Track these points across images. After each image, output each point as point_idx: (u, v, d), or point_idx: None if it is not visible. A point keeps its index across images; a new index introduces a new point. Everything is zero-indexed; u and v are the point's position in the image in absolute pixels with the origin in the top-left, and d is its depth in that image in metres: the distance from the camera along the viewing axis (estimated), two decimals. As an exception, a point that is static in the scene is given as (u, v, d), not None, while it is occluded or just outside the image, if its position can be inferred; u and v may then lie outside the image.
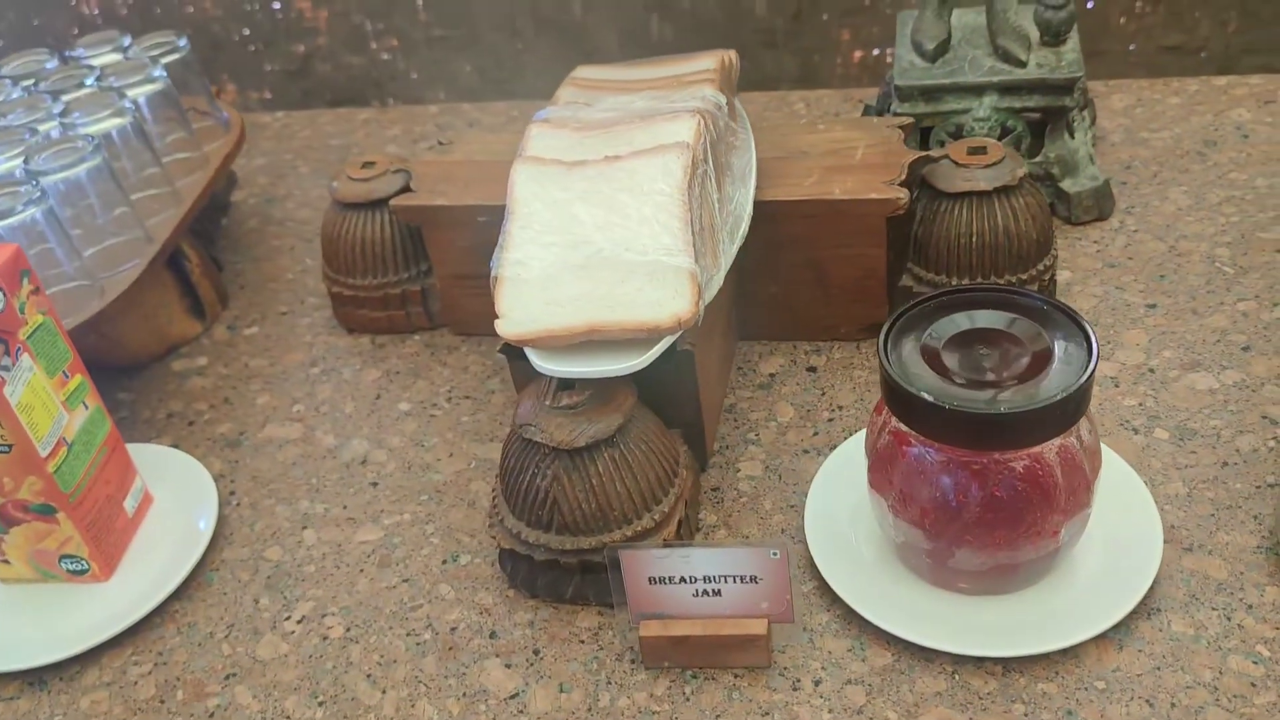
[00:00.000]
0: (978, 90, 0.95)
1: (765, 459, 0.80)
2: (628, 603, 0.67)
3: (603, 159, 0.72)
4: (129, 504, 0.81)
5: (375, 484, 0.83)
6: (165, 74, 0.99)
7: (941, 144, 0.95)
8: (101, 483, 0.79)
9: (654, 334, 0.67)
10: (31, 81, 1.01)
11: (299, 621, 0.74)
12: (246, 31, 1.72)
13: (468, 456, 0.84)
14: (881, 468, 0.66)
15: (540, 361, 0.68)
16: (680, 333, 0.68)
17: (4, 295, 0.71)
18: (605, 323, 0.67)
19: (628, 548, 0.65)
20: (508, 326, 0.68)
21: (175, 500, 0.84)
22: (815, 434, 0.81)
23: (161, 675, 0.73)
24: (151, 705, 0.71)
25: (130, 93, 0.96)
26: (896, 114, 0.96)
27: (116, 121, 0.93)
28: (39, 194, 0.83)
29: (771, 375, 0.86)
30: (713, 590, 0.66)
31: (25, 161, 0.88)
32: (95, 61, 1.03)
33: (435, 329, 0.96)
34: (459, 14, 1.64)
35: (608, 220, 0.70)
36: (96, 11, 1.69)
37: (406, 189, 0.92)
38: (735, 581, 0.65)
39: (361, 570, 0.77)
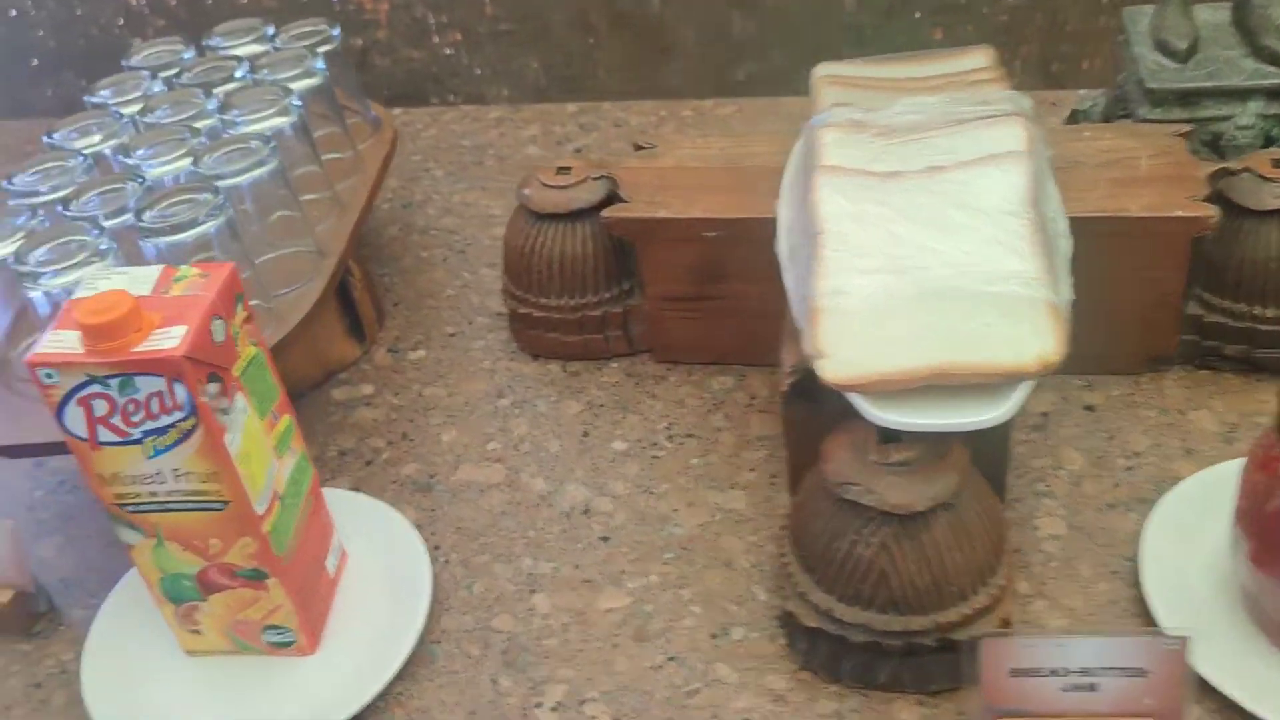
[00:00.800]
0: (1242, 95, 0.85)
1: (1066, 515, 0.70)
2: (982, 696, 0.57)
3: (924, 170, 0.62)
4: (330, 563, 0.71)
5: (606, 539, 0.73)
6: (325, 67, 0.88)
7: (1196, 154, 0.86)
8: (308, 540, 0.68)
9: (1014, 378, 0.57)
10: (173, 73, 0.90)
11: (554, 709, 0.64)
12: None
13: (708, 507, 0.74)
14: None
15: (877, 411, 0.57)
16: (1042, 377, 0.58)
17: (224, 324, 0.60)
18: (955, 365, 0.57)
19: (993, 635, 0.55)
20: (834, 368, 0.58)
21: (374, 556, 0.73)
22: (1116, 485, 0.71)
23: (401, 773, 0.62)
24: (396, 811, 0.61)
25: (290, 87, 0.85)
26: (1147, 120, 0.86)
27: (282, 120, 0.81)
28: (222, 201, 0.72)
29: (1044, 415, 0.76)
30: (1088, 685, 0.56)
31: (194, 163, 0.77)
32: (238, 52, 0.92)
33: (634, 355, 0.86)
34: (528, 8, 1.53)
35: (939, 242, 0.60)
36: (144, 2, 1.57)
37: (613, 199, 0.82)
38: (1117, 675, 0.55)
39: (615, 645, 0.67)
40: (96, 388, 0.57)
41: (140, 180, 0.76)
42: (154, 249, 0.72)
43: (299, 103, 0.83)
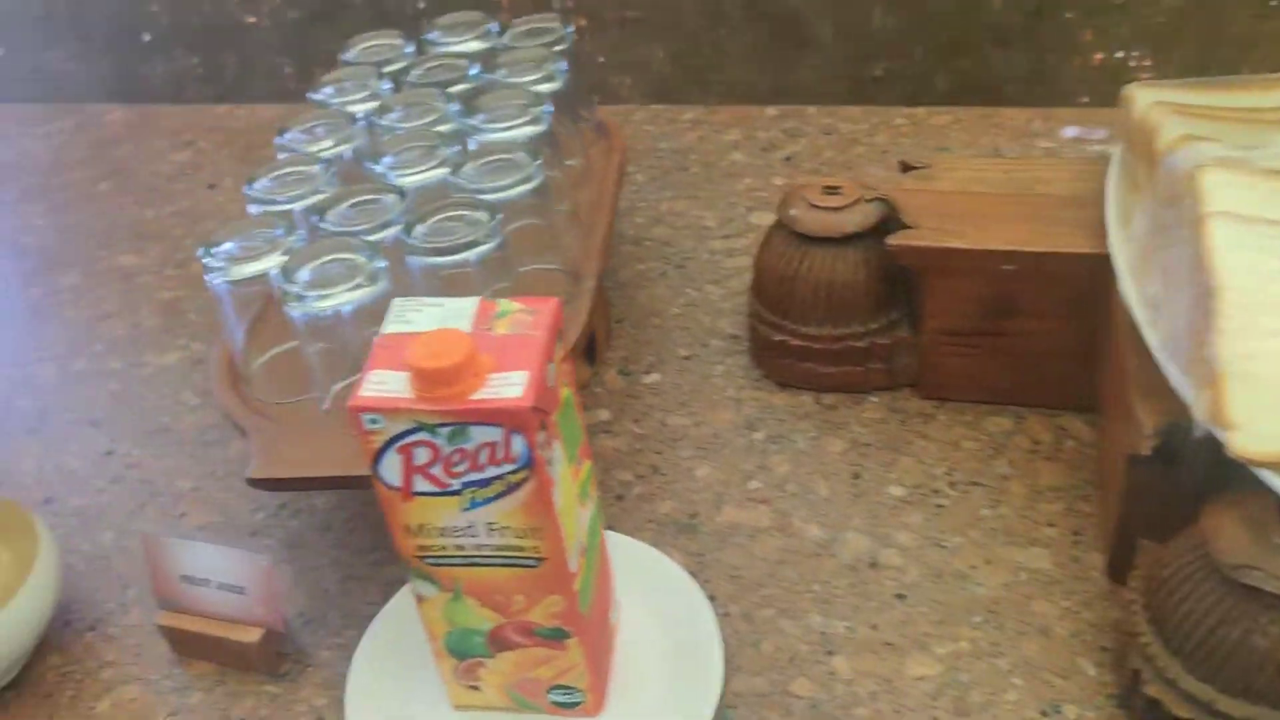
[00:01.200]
0: None
1: None
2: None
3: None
4: (613, 616, 0.65)
5: (902, 596, 0.67)
6: (567, 69, 0.82)
7: None
8: (600, 593, 0.63)
9: None
10: (396, 68, 0.85)
11: (879, 789, 0.59)
12: (421, 5, 1.56)
13: (1009, 565, 0.68)
14: None
15: (1298, 491, 0.51)
16: None
17: (553, 367, 0.54)
18: (1384, 443, 0.51)
19: None
20: (1248, 442, 0.52)
21: (648, 605, 0.67)
22: None
23: None
24: None
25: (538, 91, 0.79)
26: None
27: (535, 129, 0.76)
28: (499, 218, 0.67)
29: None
30: None
31: (452, 173, 0.72)
32: (463, 49, 0.86)
33: (894, 389, 0.80)
34: None
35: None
36: None
37: (888, 223, 0.76)
38: None
39: (934, 718, 0.61)
40: (423, 435, 0.52)
41: (399, 192, 0.70)
42: (418, 265, 0.67)
43: (551, 108, 0.77)
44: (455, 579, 0.58)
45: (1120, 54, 1.43)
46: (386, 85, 0.83)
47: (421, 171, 0.73)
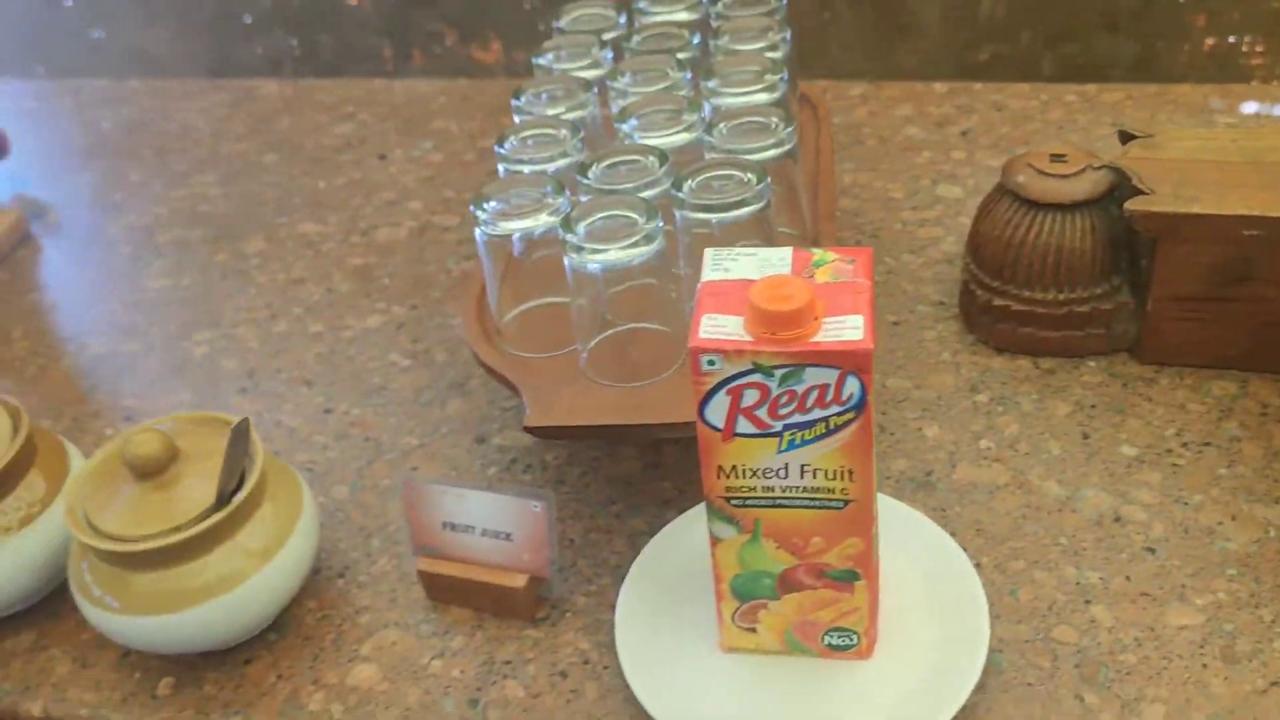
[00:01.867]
0: None
1: None
2: None
3: None
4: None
5: (1152, 550, 0.69)
6: (789, 37, 0.84)
7: None
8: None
9: None
10: (614, 35, 0.86)
11: (1159, 733, 0.60)
12: None
13: (1258, 522, 0.70)
14: None
15: None
16: None
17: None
18: None
19: None
20: None
21: (904, 556, 0.69)
22: None
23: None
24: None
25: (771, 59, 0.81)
26: None
27: (769, 96, 0.78)
28: (768, 179, 0.69)
29: None
30: None
31: (708, 133, 0.73)
32: (675, 18, 0.88)
33: (1110, 355, 0.82)
34: None
35: None
36: None
37: (1117, 190, 0.77)
38: None
39: (1204, 665, 0.63)
40: (756, 377, 0.54)
41: (659, 154, 0.72)
42: (690, 221, 0.69)
43: (785, 78, 0.79)
44: (757, 520, 0.60)
45: (1233, 39, 1.44)
46: (607, 53, 0.85)
47: (671, 134, 0.75)
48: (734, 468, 0.58)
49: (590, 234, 0.67)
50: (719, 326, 0.54)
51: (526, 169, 0.74)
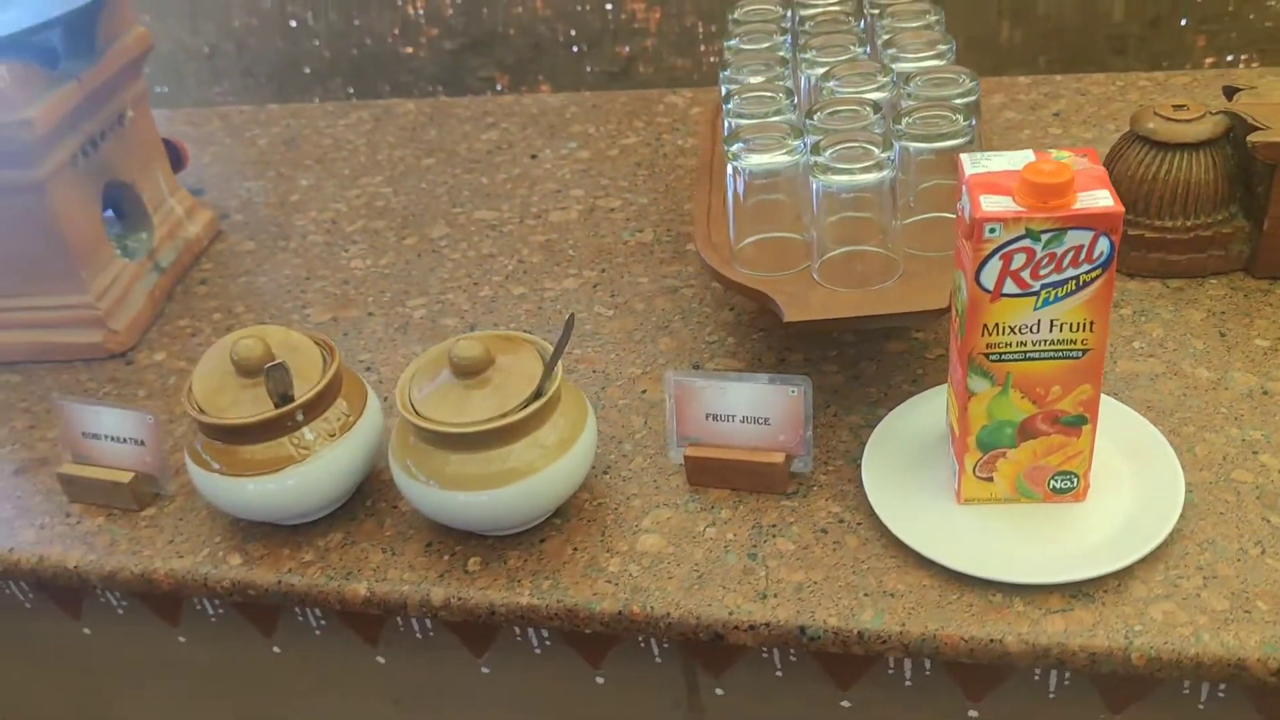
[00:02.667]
0: None
1: None
2: None
3: None
4: (1082, 425, 0.81)
5: (1300, 413, 0.84)
6: (943, 18, 0.99)
7: None
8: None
9: None
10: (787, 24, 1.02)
11: (1339, 536, 0.74)
12: (573, 32, 1.72)
13: (1378, 385, 0.85)
14: None
15: None
16: None
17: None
18: None
19: None
20: None
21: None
22: None
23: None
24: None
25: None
26: None
27: (941, 62, 0.93)
28: (971, 119, 0.84)
29: None
30: None
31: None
32: (826, 7, 1.04)
33: (1228, 273, 0.97)
34: None
35: None
36: (420, 13, 1.68)
37: (1233, 131, 0.93)
38: None
39: (1362, 490, 0.77)
40: (1026, 242, 0.68)
41: (872, 105, 0.87)
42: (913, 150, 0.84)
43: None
44: (1007, 373, 0.73)
45: (1230, 58, 1.61)
46: (785, 39, 1.00)
47: (870, 90, 0.90)
48: (996, 325, 0.71)
49: (836, 156, 0.82)
50: (995, 203, 0.69)
51: (751, 120, 0.89)
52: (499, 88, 1.71)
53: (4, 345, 1.09)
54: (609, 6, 1.68)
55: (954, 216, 0.74)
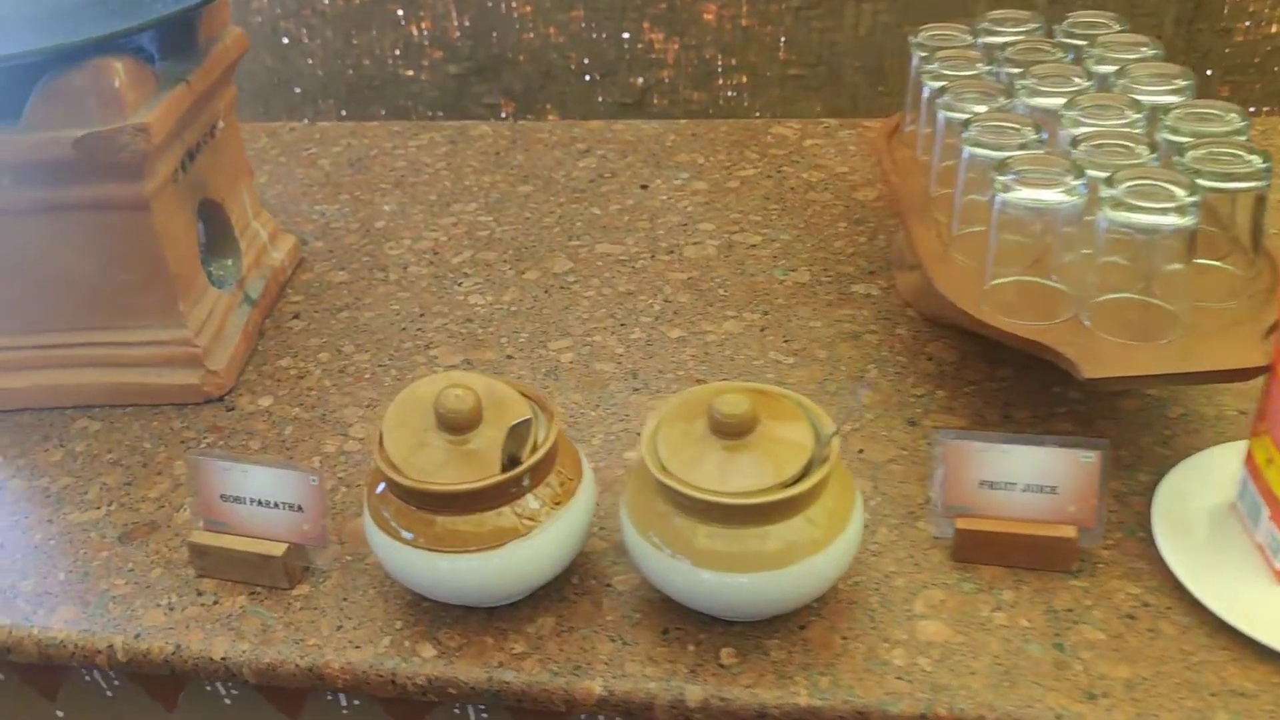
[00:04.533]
0: None
1: None
2: None
3: None
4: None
5: None
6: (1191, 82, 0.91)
7: None
8: None
9: None
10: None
11: None
12: (586, 60, 1.64)
13: None
14: None
15: None
16: None
17: None
18: None
19: None
20: None
21: None
22: None
23: None
24: None
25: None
26: None
27: (1179, 98, 0.86)
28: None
29: None
30: None
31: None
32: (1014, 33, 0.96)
33: None
34: (821, 52, 1.59)
35: None
36: (425, 34, 1.58)
37: None
38: None
39: None
40: None
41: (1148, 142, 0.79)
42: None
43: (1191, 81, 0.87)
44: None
45: (1252, 109, 1.61)
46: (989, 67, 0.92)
47: (1118, 123, 0.82)
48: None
49: (1131, 192, 0.73)
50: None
51: (1007, 153, 0.80)
52: (503, 115, 1.60)
53: (77, 387, 0.93)
54: (626, 35, 1.59)
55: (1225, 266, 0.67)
